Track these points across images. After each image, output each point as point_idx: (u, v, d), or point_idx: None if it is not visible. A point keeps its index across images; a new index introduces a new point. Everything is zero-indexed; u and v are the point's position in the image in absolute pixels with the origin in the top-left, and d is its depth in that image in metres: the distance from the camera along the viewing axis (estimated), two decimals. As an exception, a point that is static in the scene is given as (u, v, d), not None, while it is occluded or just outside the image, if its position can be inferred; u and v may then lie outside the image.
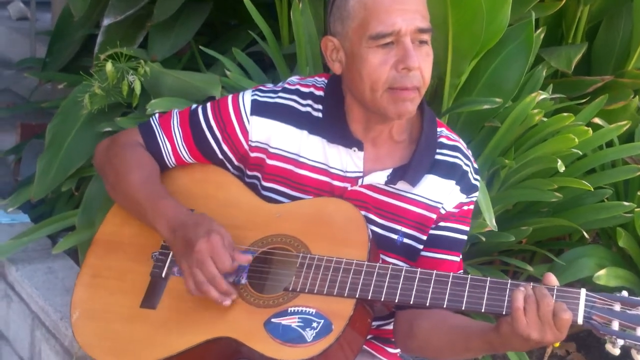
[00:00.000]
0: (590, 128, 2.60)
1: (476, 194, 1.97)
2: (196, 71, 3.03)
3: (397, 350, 2.09)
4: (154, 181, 1.94)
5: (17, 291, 2.91)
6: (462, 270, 1.98)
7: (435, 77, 2.83)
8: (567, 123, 2.59)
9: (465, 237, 1.97)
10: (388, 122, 1.87)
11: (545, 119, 2.64)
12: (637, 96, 2.99)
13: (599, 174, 2.81)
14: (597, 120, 2.83)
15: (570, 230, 2.76)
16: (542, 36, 2.92)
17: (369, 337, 2.00)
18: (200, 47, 3.04)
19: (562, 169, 2.47)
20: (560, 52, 2.97)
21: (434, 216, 1.91)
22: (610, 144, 2.87)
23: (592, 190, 2.58)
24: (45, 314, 2.70)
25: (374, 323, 1.97)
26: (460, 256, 1.98)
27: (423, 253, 1.93)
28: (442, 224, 1.92)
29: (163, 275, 1.89)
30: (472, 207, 1.98)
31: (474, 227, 2.45)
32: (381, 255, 1.90)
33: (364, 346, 2.01)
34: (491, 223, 2.39)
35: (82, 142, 2.85)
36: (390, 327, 2.04)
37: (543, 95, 2.65)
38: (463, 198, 1.93)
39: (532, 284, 1.65)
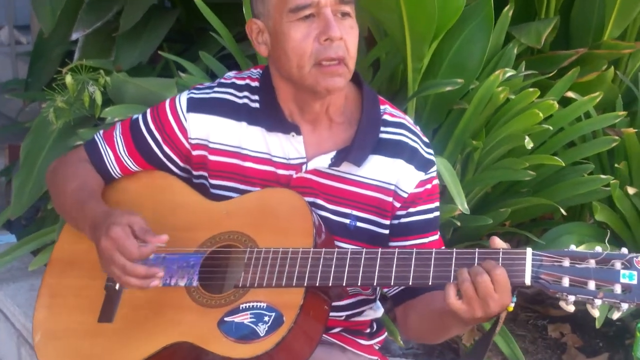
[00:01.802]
0: (555, 102, 2.54)
1: (434, 168, 1.92)
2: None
3: (372, 342, 2.06)
4: (85, 189, 1.92)
5: (1, 310, 2.92)
6: (443, 247, 1.94)
7: (398, 62, 2.81)
8: (534, 99, 2.53)
9: (437, 214, 1.93)
10: (320, 100, 1.83)
11: (513, 97, 2.58)
12: (612, 67, 2.92)
13: (578, 147, 2.76)
14: (570, 93, 2.77)
15: (552, 209, 2.70)
16: (510, 13, 2.87)
17: (337, 329, 1.99)
18: (164, 54, 3.02)
19: (529, 145, 2.42)
20: (530, 27, 2.92)
21: (390, 199, 1.87)
22: (588, 117, 2.81)
23: (563, 165, 2.53)
24: (28, 332, 2.71)
25: (341, 314, 1.96)
26: (438, 233, 1.94)
27: (397, 242, 1.89)
28: (411, 209, 1.88)
29: (117, 287, 1.88)
30: (435, 182, 1.93)
31: (445, 211, 2.41)
32: (338, 242, 1.87)
33: (334, 339, 1.99)
34: (462, 206, 2.34)
35: (55, 158, 2.85)
36: (361, 318, 2.02)
37: (509, 73, 2.60)
38: (422, 175, 1.88)
39: (476, 250, 1.62)
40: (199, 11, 2.91)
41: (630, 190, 2.61)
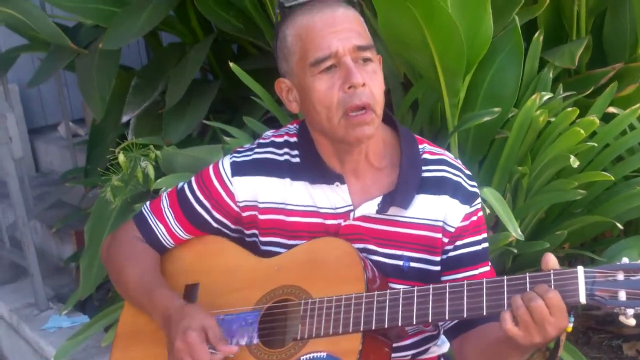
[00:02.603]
0: (596, 118, 2.53)
1: (478, 200, 1.92)
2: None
3: (438, 379, 2.06)
4: (148, 274, 1.98)
5: (80, 388, 3.00)
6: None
7: (435, 100, 2.85)
8: (575, 118, 2.52)
9: (486, 245, 1.92)
10: (355, 149, 1.85)
11: (553, 119, 2.58)
12: (651, 77, 2.91)
13: (627, 161, 2.73)
14: (611, 109, 2.76)
15: (609, 226, 2.67)
16: (541, 39, 2.90)
17: (405, 370, 1.99)
18: (210, 122, 3.12)
19: (575, 164, 2.41)
20: (563, 50, 2.94)
21: (439, 235, 1.87)
22: (633, 129, 2.79)
23: (613, 179, 2.51)
24: (107, 409, 2.76)
25: (406, 353, 1.96)
26: (489, 264, 1.93)
27: (448, 277, 1.89)
28: (458, 242, 1.88)
29: None
30: (481, 214, 1.93)
31: (500, 240, 2.41)
32: (393, 284, 1.87)
33: (402, 380, 1.99)
34: (516, 232, 2.34)
35: (115, 237, 2.95)
36: (428, 355, 2.01)
37: (547, 96, 2.61)
38: (467, 209, 1.88)
39: (527, 275, 1.61)
40: (240, 81, 3.01)
41: (684, 198, 2.56)
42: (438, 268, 1.89)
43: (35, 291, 3.59)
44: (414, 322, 1.71)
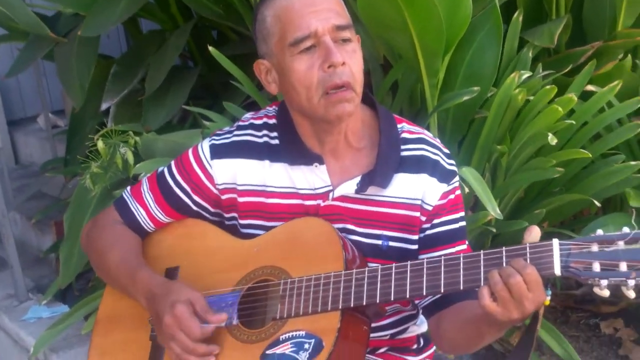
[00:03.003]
0: (574, 95, 2.53)
1: (456, 178, 1.93)
2: (201, 134, 3.12)
3: (421, 357, 2.06)
4: (131, 256, 1.97)
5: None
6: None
7: (414, 81, 2.85)
8: (553, 96, 2.53)
9: (463, 224, 1.93)
10: (335, 128, 1.85)
11: (532, 98, 2.59)
12: (629, 55, 2.91)
13: (604, 138, 2.75)
14: (590, 87, 2.76)
15: (588, 204, 2.68)
16: (520, 18, 2.90)
17: (384, 348, 2.00)
18: (189, 107, 3.11)
19: (553, 142, 2.42)
20: (542, 29, 2.94)
21: (417, 214, 1.87)
22: (611, 107, 2.80)
23: (590, 156, 2.52)
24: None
25: (385, 333, 1.97)
26: (466, 243, 1.93)
27: (425, 255, 1.88)
28: (435, 221, 1.89)
29: None
30: (458, 192, 1.93)
31: (479, 219, 2.41)
32: (371, 263, 1.87)
33: (382, 359, 1.99)
34: (494, 211, 2.34)
35: (96, 224, 2.94)
36: (406, 335, 2.02)
37: (525, 75, 2.61)
38: (444, 187, 1.89)
39: (503, 249, 1.61)
40: (220, 66, 3.00)
41: (665, 173, 2.58)
42: (416, 247, 1.90)
43: (15, 282, 3.58)
44: (392, 299, 1.70)
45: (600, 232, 1.57)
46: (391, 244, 1.89)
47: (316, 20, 1.76)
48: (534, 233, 1.63)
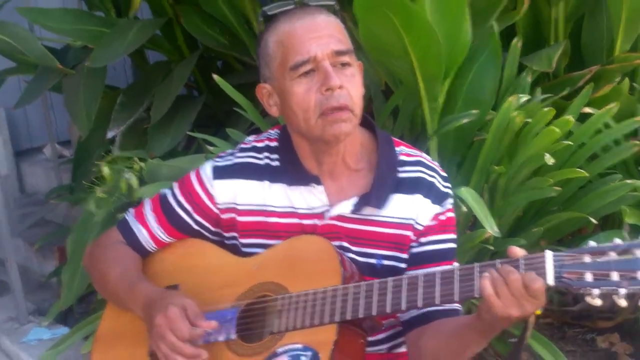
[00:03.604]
0: (571, 117, 2.57)
1: (450, 200, 1.95)
2: (206, 162, 3.15)
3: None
4: (131, 272, 2.01)
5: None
6: None
7: (415, 105, 2.89)
8: (551, 118, 2.56)
9: (453, 245, 1.95)
10: (333, 149, 1.89)
11: (530, 120, 2.62)
12: (626, 78, 2.95)
13: (601, 158, 2.77)
14: (587, 109, 2.80)
15: (585, 222, 2.70)
16: (519, 44, 2.94)
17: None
18: (194, 134, 3.15)
19: (550, 162, 2.44)
20: (541, 54, 2.99)
21: (409, 233, 1.90)
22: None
23: (587, 175, 2.55)
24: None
25: (382, 347, 1.99)
26: (454, 264, 1.94)
27: (411, 273, 1.89)
28: (423, 239, 1.91)
29: None
30: (451, 214, 1.96)
31: (476, 237, 2.43)
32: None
33: (377, 372, 2.00)
34: (492, 229, 2.36)
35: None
36: (403, 349, 2.03)
37: (524, 98, 2.64)
38: (437, 209, 1.92)
39: (497, 261, 1.63)
40: (225, 95, 3.05)
41: (658, 191, 2.60)
42: (405, 265, 1.92)
43: (17, 305, 3.61)
44: (388, 311, 1.72)
45: (592, 243, 1.59)
46: (385, 262, 1.91)
47: (316, 45, 1.81)
48: (518, 252, 1.63)
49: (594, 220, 2.56)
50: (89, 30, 3.77)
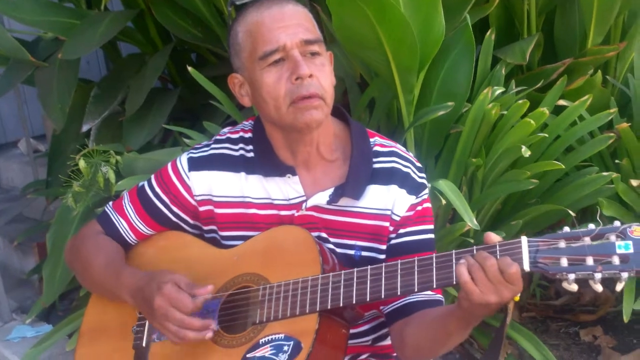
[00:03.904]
0: (546, 109, 2.60)
1: (426, 191, 1.97)
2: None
3: (399, 365, 2.09)
4: (114, 261, 2.01)
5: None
6: None
7: (391, 98, 2.90)
8: (525, 111, 2.59)
9: (430, 236, 1.97)
10: (306, 138, 1.89)
11: (505, 113, 2.65)
12: (599, 71, 2.99)
13: (577, 150, 2.80)
14: (561, 102, 2.83)
15: (563, 215, 2.73)
16: (493, 37, 2.97)
17: (365, 354, 2.03)
18: (170, 126, 3.14)
19: (527, 154, 2.47)
20: (514, 47, 3.02)
21: (387, 224, 1.92)
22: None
23: (563, 167, 2.58)
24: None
25: (366, 339, 2.01)
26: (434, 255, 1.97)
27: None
28: (401, 230, 1.93)
29: (144, 344, 1.95)
30: (427, 205, 1.97)
31: (456, 230, 2.45)
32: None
33: (362, 366, 2.02)
34: (471, 222, 2.38)
35: (79, 243, 2.95)
36: (387, 342, 2.05)
37: (498, 90, 2.67)
38: (413, 199, 1.93)
39: (474, 248, 1.65)
40: (200, 88, 3.04)
41: (634, 182, 2.64)
42: (384, 256, 1.93)
43: (-2, 303, 3.59)
44: (368, 299, 1.74)
45: (566, 229, 1.62)
46: (363, 254, 1.93)
47: (285, 34, 1.81)
48: (494, 238, 1.65)
49: (572, 213, 2.60)
50: (60, 22, 3.73)
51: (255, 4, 1.87)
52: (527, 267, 1.59)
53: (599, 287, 1.56)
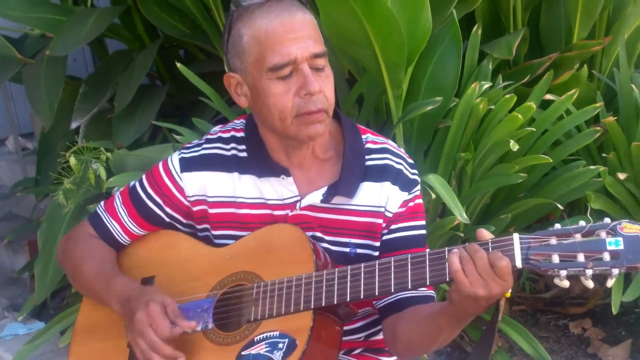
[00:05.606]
0: (533, 104, 2.63)
1: (418, 187, 1.98)
2: (172, 151, 3.15)
3: (393, 358, 2.10)
4: (106, 266, 2.01)
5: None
6: None
7: (379, 93, 2.92)
8: (513, 105, 2.62)
9: (422, 232, 1.98)
10: (304, 146, 1.91)
11: (493, 107, 2.67)
12: (584, 66, 3.02)
13: (564, 144, 2.83)
14: (548, 96, 2.86)
15: (552, 208, 2.77)
16: (479, 32, 2.99)
17: (359, 350, 2.05)
18: (159, 123, 3.15)
19: (515, 148, 2.50)
20: (501, 42, 3.03)
21: (380, 221, 1.93)
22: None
23: (551, 161, 2.61)
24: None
25: (359, 335, 2.02)
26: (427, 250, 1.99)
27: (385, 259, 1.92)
28: (393, 226, 1.94)
29: None
30: (419, 201, 1.99)
31: (446, 224, 2.48)
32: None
33: (354, 360, 2.04)
34: (461, 216, 2.40)
35: (70, 240, 2.96)
36: (380, 336, 2.06)
37: (486, 85, 2.69)
38: (405, 196, 1.94)
39: (466, 245, 1.66)
40: (189, 85, 3.04)
41: (621, 176, 2.67)
42: (376, 253, 1.95)
43: (-11, 301, 3.59)
44: (362, 297, 1.75)
45: (558, 226, 1.64)
46: (359, 251, 1.94)
47: (296, 47, 1.78)
48: (486, 234, 1.67)
49: (560, 206, 2.62)
50: (47, 19, 3.72)
51: (262, 7, 1.83)
52: (519, 263, 1.61)
53: (590, 284, 1.58)
